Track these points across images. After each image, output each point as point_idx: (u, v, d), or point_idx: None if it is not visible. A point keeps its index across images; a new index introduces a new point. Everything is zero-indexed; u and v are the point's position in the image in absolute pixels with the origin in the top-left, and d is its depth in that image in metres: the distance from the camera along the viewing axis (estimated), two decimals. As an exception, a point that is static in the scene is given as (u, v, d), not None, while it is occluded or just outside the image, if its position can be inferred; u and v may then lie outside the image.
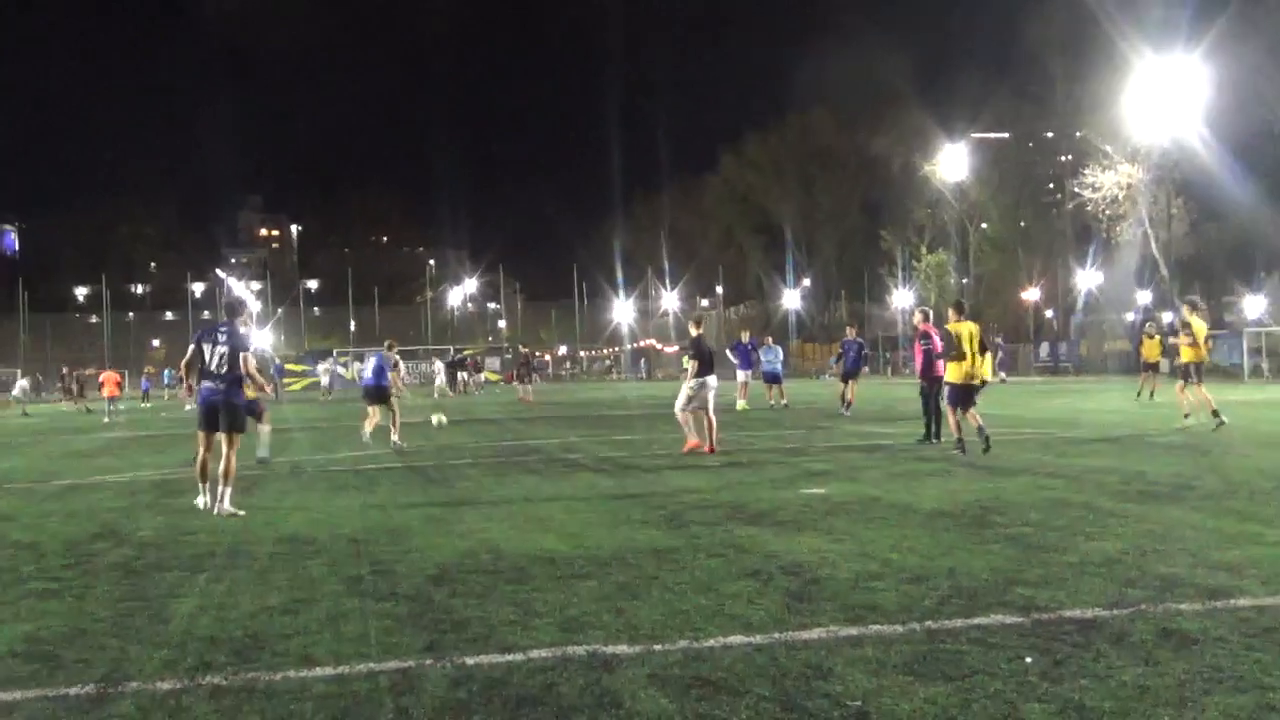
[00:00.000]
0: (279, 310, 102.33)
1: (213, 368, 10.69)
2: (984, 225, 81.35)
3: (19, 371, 76.61)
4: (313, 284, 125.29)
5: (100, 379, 39.17)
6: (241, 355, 10.77)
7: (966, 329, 14.54)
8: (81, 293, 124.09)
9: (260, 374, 11.57)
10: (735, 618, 5.75)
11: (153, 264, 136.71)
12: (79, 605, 6.57)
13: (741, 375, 29.20)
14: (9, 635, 5.84)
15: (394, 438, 18.26)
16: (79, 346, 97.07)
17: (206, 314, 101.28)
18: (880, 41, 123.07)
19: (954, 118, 73.13)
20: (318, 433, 23.69)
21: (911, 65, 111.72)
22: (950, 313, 14.99)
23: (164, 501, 11.72)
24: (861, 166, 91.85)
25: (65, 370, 45.16)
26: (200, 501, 10.86)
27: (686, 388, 15.90)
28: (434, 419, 23.27)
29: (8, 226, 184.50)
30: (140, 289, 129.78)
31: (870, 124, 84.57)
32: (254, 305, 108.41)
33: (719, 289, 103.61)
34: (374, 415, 19.82)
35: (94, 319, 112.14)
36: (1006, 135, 79.01)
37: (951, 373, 14.67)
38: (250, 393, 11.80)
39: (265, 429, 16.04)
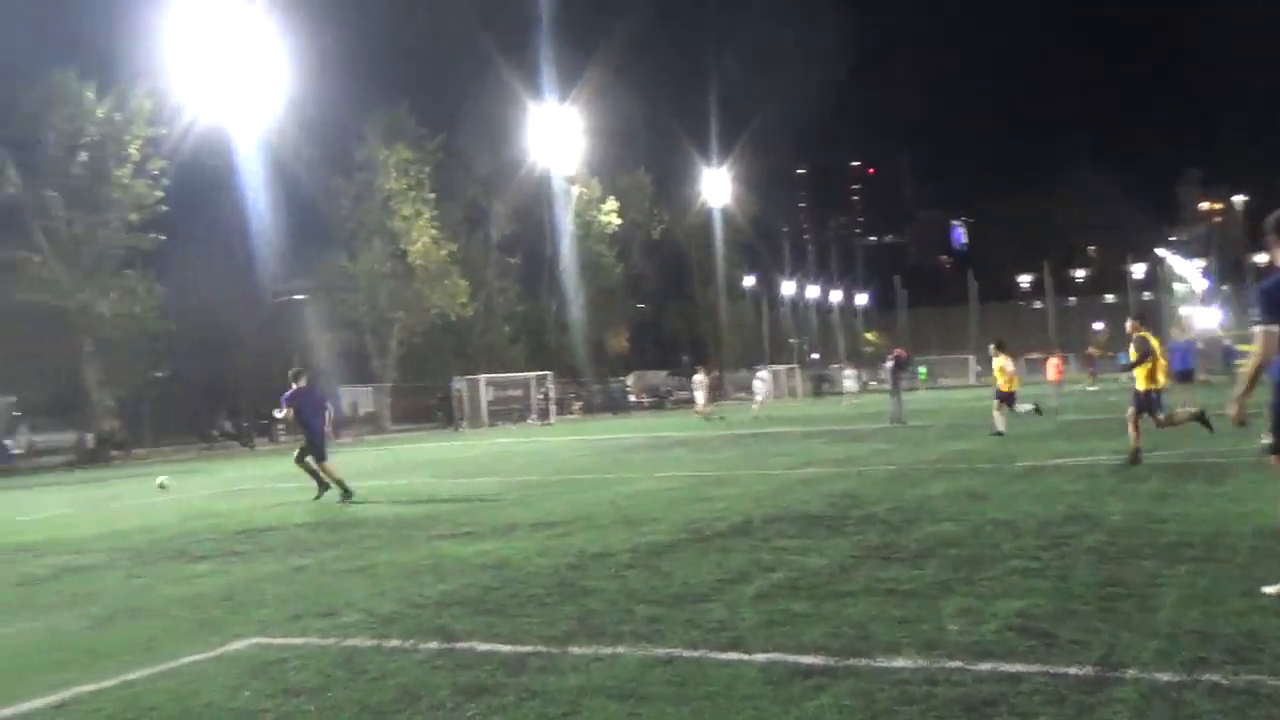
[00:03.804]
0: (1225, 287, 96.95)
1: None
2: None
3: (972, 358, 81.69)
4: (1261, 258, 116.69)
5: (1046, 364, 40.50)
6: None
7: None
8: (1024, 280, 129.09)
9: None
10: None
11: (1091, 248, 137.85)
12: (1063, 586, 6.80)
13: None
14: (1003, 610, 6.23)
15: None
16: (1024, 332, 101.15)
17: (1146, 295, 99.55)
18: None
19: None
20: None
21: None
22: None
23: (1127, 486, 11.71)
24: None
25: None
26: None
27: None
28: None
29: (956, 221, 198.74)
30: (1080, 273, 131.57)
31: None
32: (1196, 284, 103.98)
33: None
34: None
35: (1037, 305, 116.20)
36: None
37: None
38: None
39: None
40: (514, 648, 6.04)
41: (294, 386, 16.48)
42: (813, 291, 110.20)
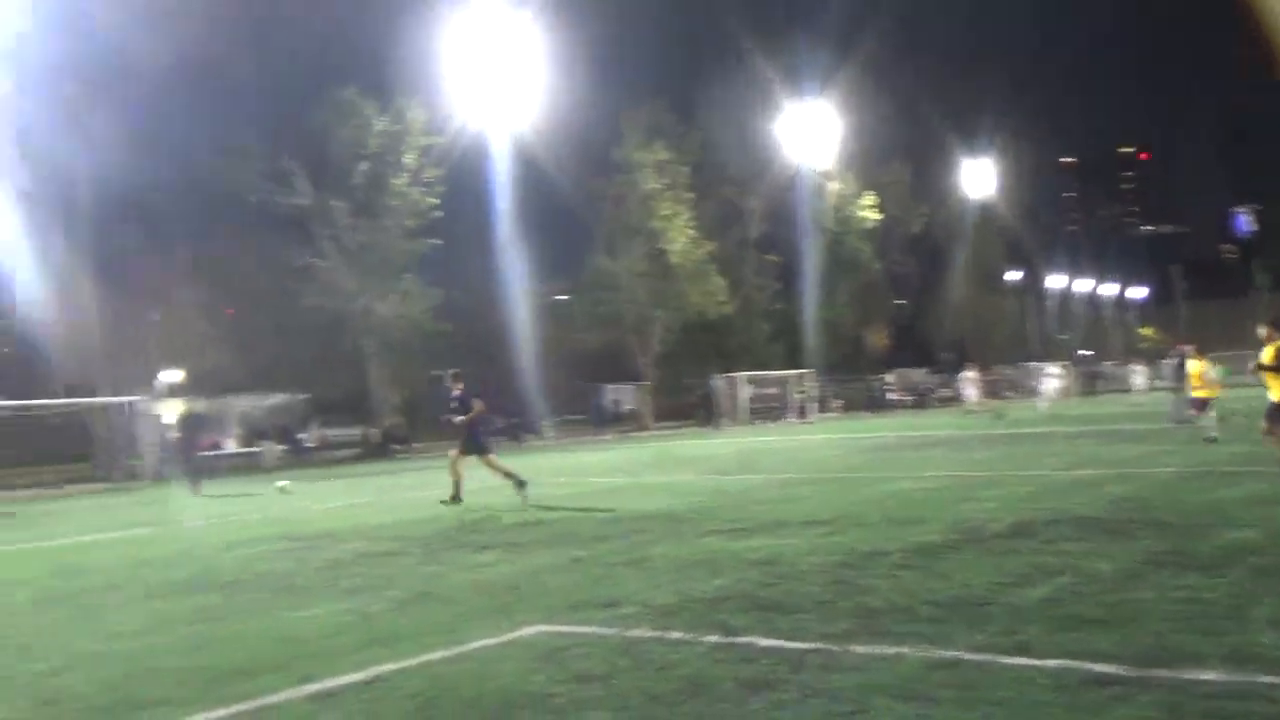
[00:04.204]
0: None
1: None
2: None
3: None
4: None
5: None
6: None
7: None
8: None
9: None
10: None
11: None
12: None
13: None
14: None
15: None
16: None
17: None
18: None
19: None
20: None
21: None
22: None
23: None
24: None
25: None
26: None
27: None
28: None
29: (1241, 209, 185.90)
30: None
31: None
32: None
33: None
34: None
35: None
36: None
37: None
38: None
39: None
40: (794, 644, 6.07)
41: (459, 388, 16.37)
42: (1082, 285, 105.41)
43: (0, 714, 5.73)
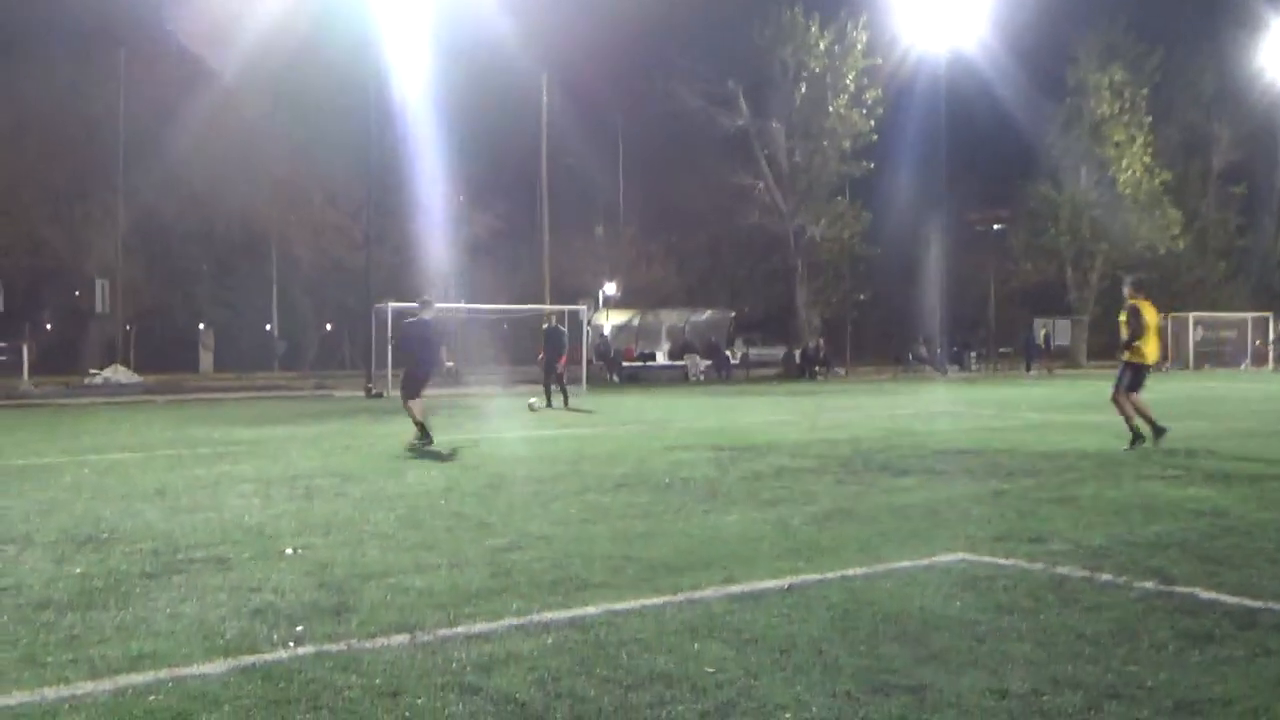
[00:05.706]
0: None
1: None
2: None
3: None
4: None
5: None
6: None
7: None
8: None
9: None
10: None
11: None
12: None
13: None
14: None
15: None
16: None
17: None
18: None
19: None
20: None
21: None
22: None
23: None
24: None
25: None
26: None
27: None
28: None
29: None
30: None
31: None
32: None
33: None
34: None
35: None
36: None
37: None
38: None
39: None
40: (1241, 600, 5.63)
41: (415, 318, 14.96)
42: None
43: (460, 580, 6.34)
